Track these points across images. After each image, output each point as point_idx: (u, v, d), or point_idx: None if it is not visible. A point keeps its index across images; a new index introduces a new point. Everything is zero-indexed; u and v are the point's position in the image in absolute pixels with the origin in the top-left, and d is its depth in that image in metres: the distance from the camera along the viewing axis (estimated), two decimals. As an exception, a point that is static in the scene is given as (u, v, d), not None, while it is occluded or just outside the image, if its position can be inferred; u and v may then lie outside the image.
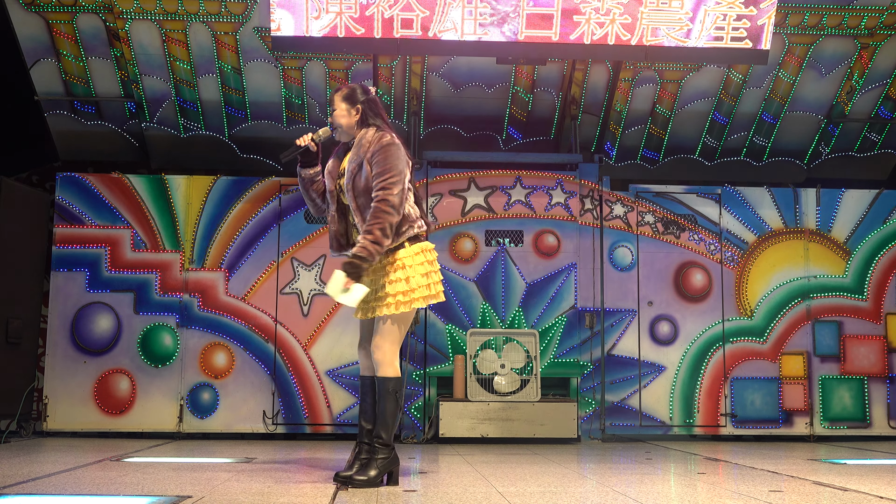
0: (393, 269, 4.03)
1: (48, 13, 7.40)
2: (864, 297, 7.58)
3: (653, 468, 5.14)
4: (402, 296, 3.99)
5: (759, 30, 7.05)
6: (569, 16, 6.94)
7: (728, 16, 7.00)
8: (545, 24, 6.93)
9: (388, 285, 4.01)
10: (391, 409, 4.03)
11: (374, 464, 4.02)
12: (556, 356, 7.32)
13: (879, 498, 3.76)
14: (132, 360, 7.11)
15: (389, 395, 4.02)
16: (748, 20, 7.02)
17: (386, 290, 4.00)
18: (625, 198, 7.59)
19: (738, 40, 7.04)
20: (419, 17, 6.88)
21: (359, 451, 4.14)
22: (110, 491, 3.86)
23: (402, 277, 4.01)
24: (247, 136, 8.01)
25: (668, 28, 7.01)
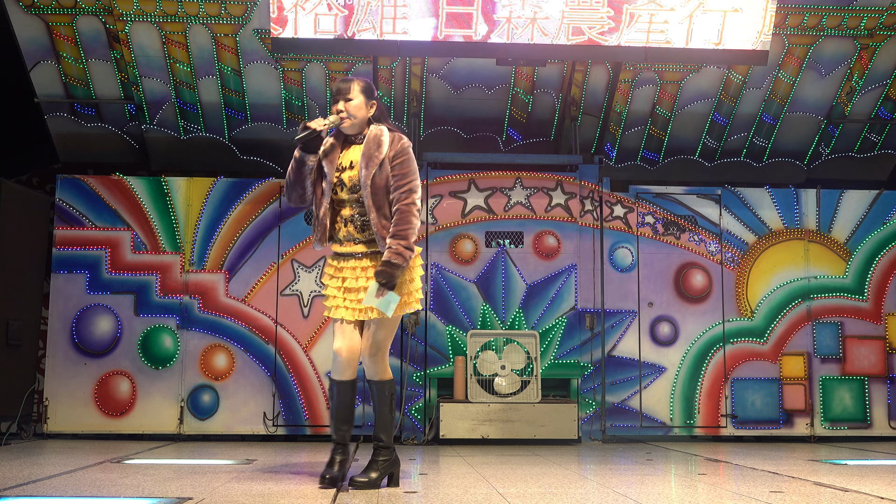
0: None
1: (48, 15, 7.41)
2: (864, 298, 7.58)
3: (653, 469, 5.14)
4: (405, 297, 4.00)
5: (680, 28, 6.99)
6: (489, 15, 6.89)
7: (649, 14, 6.98)
8: (464, 24, 6.88)
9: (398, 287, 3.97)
10: (391, 412, 4.06)
11: (375, 465, 4.02)
12: (557, 357, 7.32)
13: (880, 499, 3.76)
14: (132, 361, 7.11)
15: (388, 397, 4.05)
16: (669, 18, 6.99)
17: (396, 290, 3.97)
18: (625, 199, 7.59)
19: (660, 40, 7.01)
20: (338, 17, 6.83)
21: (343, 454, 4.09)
22: (111, 493, 3.86)
23: (407, 279, 4.01)
24: (247, 137, 8.02)
25: (590, 27, 6.96)
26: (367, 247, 4.02)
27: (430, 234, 7.40)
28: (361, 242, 4.03)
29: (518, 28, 6.90)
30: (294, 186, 4.10)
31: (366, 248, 4.03)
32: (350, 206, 4.03)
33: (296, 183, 4.10)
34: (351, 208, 4.03)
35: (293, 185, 4.10)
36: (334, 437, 4.10)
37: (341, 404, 4.07)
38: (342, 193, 4.03)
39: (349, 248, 4.05)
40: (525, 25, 6.91)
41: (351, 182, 4.00)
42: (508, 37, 6.91)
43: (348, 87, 4.06)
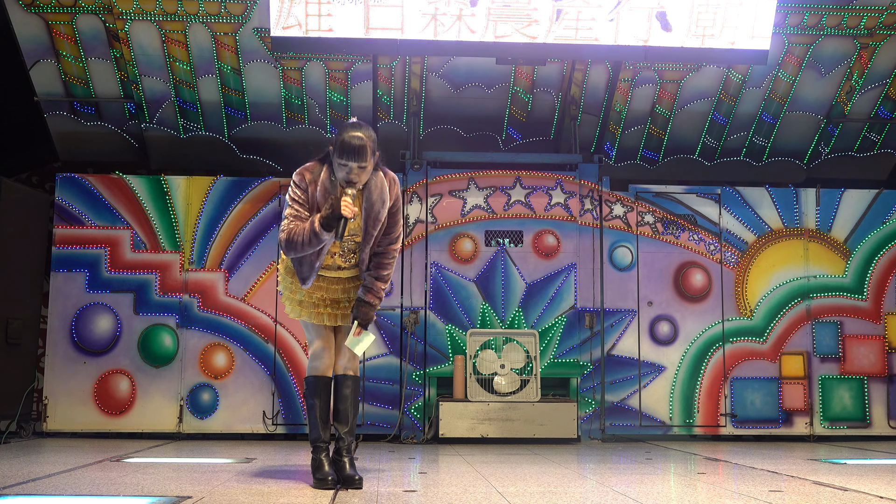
0: None
1: (48, 14, 7.40)
2: (863, 297, 7.58)
3: (653, 468, 5.14)
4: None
5: (608, 25, 6.96)
6: (415, 11, 6.85)
7: (579, 11, 6.96)
8: (392, 22, 6.83)
9: None
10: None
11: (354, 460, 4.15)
12: (556, 356, 7.32)
13: (879, 498, 3.76)
14: (132, 360, 7.11)
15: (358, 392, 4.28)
16: (597, 16, 6.96)
17: None
18: (624, 198, 7.59)
19: (588, 37, 6.98)
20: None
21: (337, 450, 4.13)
22: (110, 491, 3.86)
23: None
24: (246, 136, 8.02)
25: (515, 24, 6.93)
26: (349, 272, 4.19)
27: (430, 233, 7.40)
28: (343, 269, 4.17)
29: (445, 25, 6.88)
30: (306, 253, 3.99)
31: (350, 274, 4.19)
32: (340, 245, 4.11)
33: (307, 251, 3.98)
34: (340, 246, 4.11)
35: (303, 251, 3.96)
36: (323, 438, 4.12)
37: (327, 401, 4.16)
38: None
39: (333, 274, 4.17)
40: (452, 23, 6.88)
41: (350, 232, 4.06)
42: (435, 34, 6.88)
43: (364, 152, 3.91)
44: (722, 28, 7.03)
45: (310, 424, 4.15)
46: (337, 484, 4.01)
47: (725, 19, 7.02)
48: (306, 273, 4.08)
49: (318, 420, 4.11)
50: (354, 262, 4.17)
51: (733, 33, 7.05)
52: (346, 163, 3.91)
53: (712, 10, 6.99)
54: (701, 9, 6.98)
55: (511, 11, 6.89)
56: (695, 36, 7.01)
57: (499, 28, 6.91)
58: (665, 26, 6.98)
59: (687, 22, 6.99)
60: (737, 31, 7.05)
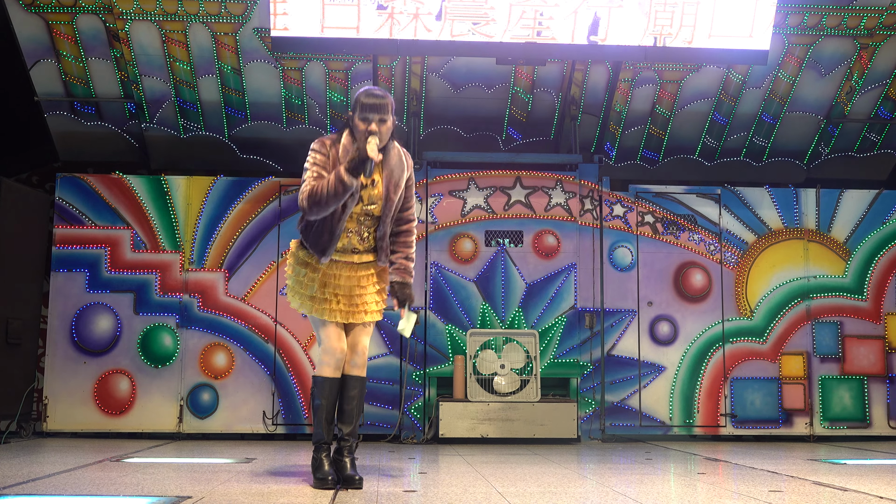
0: (381, 281, 4.17)
1: (48, 14, 7.40)
2: (863, 298, 7.59)
3: (653, 468, 5.14)
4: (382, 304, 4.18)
5: (565, 23, 6.96)
6: (371, 10, 6.82)
7: (537, 10, 6.93)
8: (348, 20, 6.82)
9: (377, 294, 4.14)
10: None
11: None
12: (556, 356, 7.32)
13: (879, 498, 3.76)
14: (132, 360, 7.11)
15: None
16: (554, 14, 6.95)
17: (376, 297, 4.13)
18: (624, 198, 7.59)
19: (546, 36, 6.96)
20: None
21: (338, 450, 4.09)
22: (110, 491, 3.86)
23: (384, 289, 4.20)
24: (247, 136, 8.02)
25: (474, 23, 6.91)
26: (366, 257, 4.10)
27: (430, 233, 7.40)
28: (360, 252, 4.08)
29: (401, 24, 6.87)
30: (330, 208, 3.89)
31: (365, 259, 4.09)
32: (357, 219, 4.04)
33: (337, 204, 3.89)
34: (358, 222, 4.04)
35: (331, 207, 3.88)
36: (326, 439, 4.07)
37: (335, 402, 4.10)
38: (355, 207, 4.02)
39: (345, 258, 4.07)
40: (408, 21, 6.88)
41: (369, 200, 4.01)
42: (391, 33, 6.87)
43: (385, 107, 3.93)
44: (680, 27, 7.00)
45: (314, 424, 4.09)
46: (337, 484, 3.99)
47: (683, 18, 6.99)
48: (326, 241, 3.95)
49: (323, 420, 4.05)
50: (371, 245, 4.09)
51: (690, 32, 7.02)
52: (367, 116, 3.91)
53: (670, 8, 6.97)
54: (658, 7, 6.97)
55: (468, 10, 6.87)
56: (651, 34, 6.99)
57: (455, 27, 6.89)
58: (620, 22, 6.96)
59: (644, 21, 6.98)
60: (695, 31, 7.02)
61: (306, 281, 4.05)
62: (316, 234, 3.98)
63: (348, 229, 4.03)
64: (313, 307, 4.05)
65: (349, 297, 4.06)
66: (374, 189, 4.00)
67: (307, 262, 4.06)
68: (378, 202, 4.02)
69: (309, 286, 4.04)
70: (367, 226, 4.06)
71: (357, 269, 4.09)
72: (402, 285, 4.11)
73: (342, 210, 3.94)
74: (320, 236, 3.97)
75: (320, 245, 3.98)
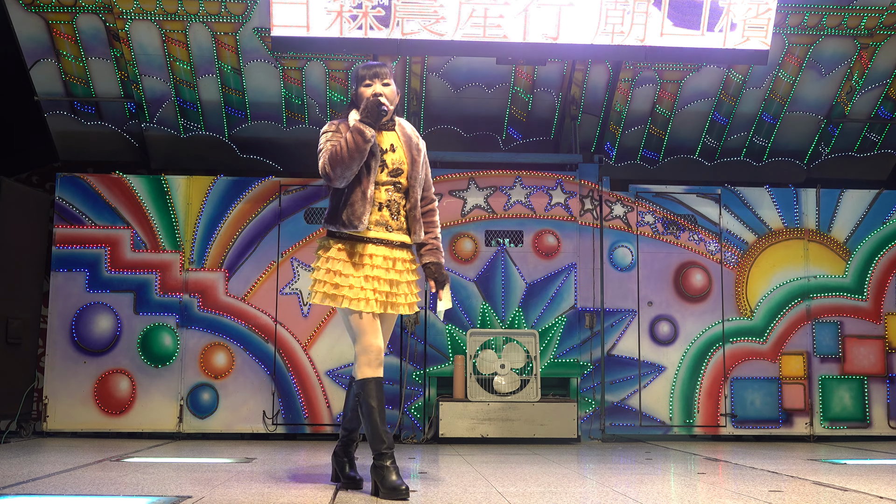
0: (414, 268, 3.98)
1: (48, 13, 7.40)
2: (863, 298, 7.58)
3: (653, 468, 5.14)
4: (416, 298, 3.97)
5: (515, 22, 6.91)
6: (320, 8, 6.80)
7: (486, 8, 6.91)
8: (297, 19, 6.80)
9: (412, 284, 3.96)
10: None
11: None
12: (556, 356, 7.32)
13: (879, 498, 3.76)
14: (132, 360, 7.11)
15: None
16: (504, 12, 6.92)
17: (412, 288, 3.95)
18: (625, 198, 7.59)
19: (496, 35, 6.94)
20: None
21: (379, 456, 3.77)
22: (110, 491, 3.86)
23: (417, 282, 3.99)
24: (247, 136, 8.02)
25: (422, 21, 6.89)
26: (400, 236, 3.89)
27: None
28: (394, 231, 3.87)
29: (350, 23, 6.86)
30: (353, 164, 3.71)
31: (399, 238, 3.89)
32: (386, 190, 3.86)
33: (360, 160, 3.72)
34: (387, 192, 3.86)
35: (355, 163, 3.71)
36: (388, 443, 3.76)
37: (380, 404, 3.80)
38: (381, 175, 3.84)
39: (381, 234, 3.83)
40: (358, 20, 6.87)
41: (393, 165, 3.86)
42: (340, 31, 6.84)
43: (385, 72, 3.88)
44: (631, 25, 6.98)
45: (372, 432, 3.76)
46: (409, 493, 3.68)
47: (634, 17, 6.98)
48: (360, 208, 3.76)
49: (378, 427, 3.75)
50: (403, 223, 3.89)
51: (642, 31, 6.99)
52: (370, 82, 3.85)
53: (621, 6, 6.95)
54: (610, 6, 6.96)
55: (418, 8, 6.85)
56: (604, 33, 6.98)
57: (406, 25, 6.88)
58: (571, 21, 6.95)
59: (596, 19, 6.97)
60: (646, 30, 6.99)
61: (346, 269, 3.78)
62: (347, 206, 3.78)
63: (378, 202, 3.83)
64: (345, 298, 3.75)
65: (390, 283, 3.83)
66: (394, 154, 3.88)
67: (340, 248, 3.81)
68: (403, 168, 3.87)
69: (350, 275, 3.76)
70: (396, 200, 3.87)
71: (392, 249, 3.86)
72: (437, 266, 3.97)
73: (367, 171, 3.78)
74: (353, 206, 3.77)
75: (355, 214, 3.77)
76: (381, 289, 3.81)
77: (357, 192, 3.79)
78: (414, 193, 3.91)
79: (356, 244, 3.81)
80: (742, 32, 7.06)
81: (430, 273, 3.99)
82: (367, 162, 3.79)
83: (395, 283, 3.85)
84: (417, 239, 3.94)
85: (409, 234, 3.94)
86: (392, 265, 3.85)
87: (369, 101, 3.75)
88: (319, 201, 7.35)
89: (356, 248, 3.81)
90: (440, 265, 4.00)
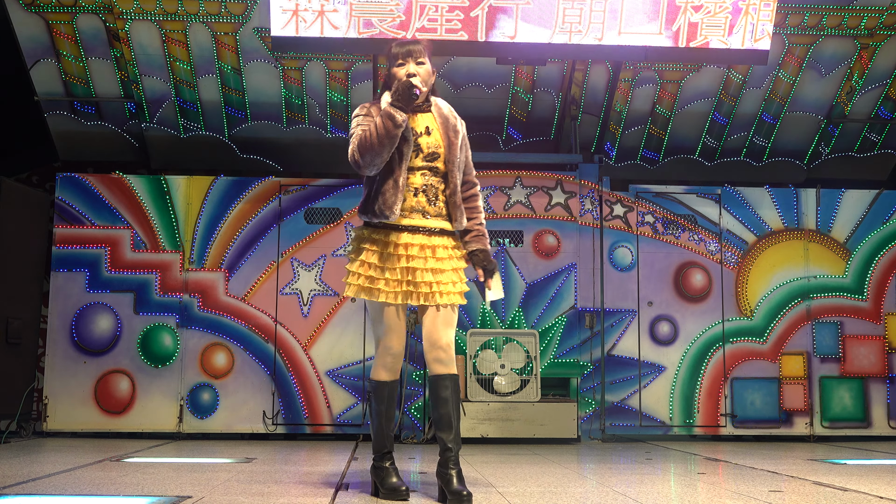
0: (459, 255, 3.71)
1: (48, 13, 7.41)
2: (864, 298, 7.58)
3: (653, 468, 5.14)
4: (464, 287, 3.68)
5: (472, 21, 6.91)
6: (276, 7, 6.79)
7: (440, 7, 6.89)
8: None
9: (460, 272, 3.68)
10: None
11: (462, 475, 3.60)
12: (556, 356, 7.32)
13: (879, 498, 3.76)
14: (132, 360, 7.11)
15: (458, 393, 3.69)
16: (461, 11, 6.90)
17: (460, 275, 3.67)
18: (625, 198, 7.59)
19: (453, 32, 6.92)
20: None
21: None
22: (110, 491, 3.86)
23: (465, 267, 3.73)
24: (247, 136, 8.02)
25: (380, 20, 6.85)
26: (439, 223, 3.64)
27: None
28: (431, 217, 3.62)
29: (306, 21, 6.84)
30: (384, 152, 3.49)
31: (437, 225, 3.64)
32: (422, 175, 3.61)
33: (390, 146, 3.50)
34: (423, 177, 3.61)
35: (385, 150, 3.49)
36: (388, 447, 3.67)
37: (391, 408, 3.66)
38: (415, 160, 3.60)
39: (417, 222, 3.59)
40: (314, 19, 6.85)
41: (429, 149, 3.62)
42: (297, 30, 6.82)
43: (419, 49, 3.63)
44: (589, 24, 6.99)
45: (374, 433, 3.68)
46: (409, 494, 3.60)
47: (592, 16, 6.96)
48: (391, 196, 3.53)
49: (382, 429, 3.64)
50: (443, 209, 3.65)
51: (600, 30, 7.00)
52: (403, 62, 3.61)
53: (578, 5, 6.94)
54: (567, 4, 6.95)
55: (373, 7, 6.83)
56: (562, 32, 6.96)
57: (362, 24, 6.87)
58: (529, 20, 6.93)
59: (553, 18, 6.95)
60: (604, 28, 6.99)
61: (373, 257, 3.57)
62: (379, 194, 3.55)
63: (414, 187, 3.60)
64: (381, 292, 3.54)
65: (427, 271, 3.56)
66: (430, 137, 3.64)
67: (373, 238, 3.59)
68: (440, 152, 3.64)
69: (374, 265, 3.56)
70: (434, 185, 3.63)
71: (431, 237, 3.61)
72: (485, 253, 3.70)
73: (399, 158, 3.55)
74: (384, 194, 3.54)
75: (386, 203, 3.53)
76: (418, 280, 3.54)
77: (389, 181, 3.55)
78: (453, 178, 3.65)
79: (391, 233, 3.58)
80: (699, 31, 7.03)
81: (477, 261, 3.71)
82: (400, 148, 3.55)
83: (437, 271, 3.58)
84: (459, 226, 3.67)
85: (450, 221, 3.68)
86: (432, 253, 3.58)
87: (400, 83, 3.51)
88: (319, 201, 7.35)
89: (391, 237, 3.57)
90: (487, 252, 3.72)
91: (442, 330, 3.59)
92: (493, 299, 3.76)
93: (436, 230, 3.62)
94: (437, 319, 3.59)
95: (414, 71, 3.58)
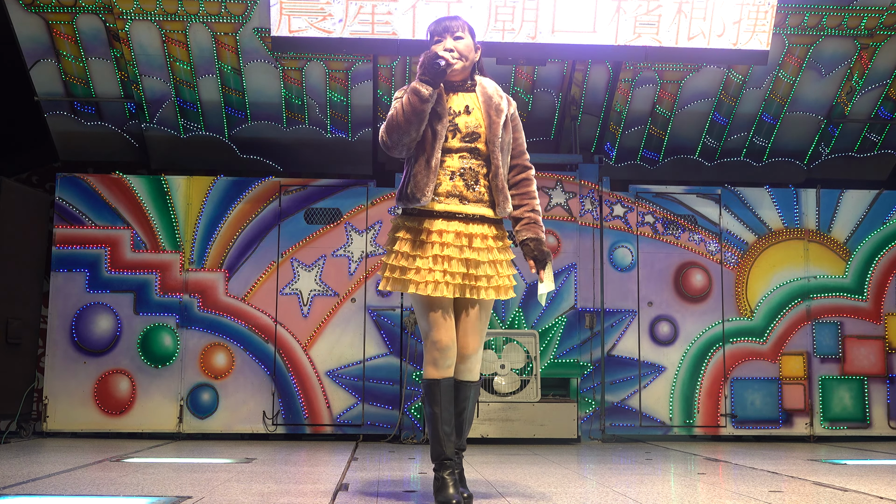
0: (501, 245, 3.49)
1: (48, 14, 7.40)
2: (864, 298, 7.58)
3: (653, 469, 5.14)
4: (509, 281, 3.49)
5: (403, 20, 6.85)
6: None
7: (374, 5, 6.85)
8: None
9: (502, 264, 3.47)
10: None
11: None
12: (556, 356, 7.32)
13: (879, 498, 3.76)
14: (132, 360, 7.11)
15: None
16: (392, 10, 6.86)
17: (501, 268, 3.46)
18: (625, 198, 7.59)
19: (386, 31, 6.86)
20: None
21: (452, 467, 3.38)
22: (110, 491, 3.86)
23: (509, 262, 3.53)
24: (247, 136, 8.02)
25: (309, 18, 6.79)
26: (478, 209, 3.41)
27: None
28: (470, 203, 3.40)
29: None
30: (411, 130, 3.30)
31: (476, 211, 3.41)
32: (461, 157, 3.39)
33: (418, 124, 3.30)
34: (462, 160, 3.39)
35: (412, 128, 3.30)
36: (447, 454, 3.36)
37: (451, 407, 3.40)
38: (452, 141, 3.39)
39: (453, 207, 3.37)
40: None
41: (468, 129, 3.40)
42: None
43: (457, 25, 3.44)
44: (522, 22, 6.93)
45: (432, 438, 3.38)
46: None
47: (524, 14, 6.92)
48: (422, 179, 3.32)
49: (439, 432, 3.35)
50: (483, 194, 3.42)
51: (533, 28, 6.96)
52: (440, 38, 3.42)
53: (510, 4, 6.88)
54: (499, 3, 6.90)
55: (304, 6, 6.79)
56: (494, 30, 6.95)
57: (293, 23, 6.83)
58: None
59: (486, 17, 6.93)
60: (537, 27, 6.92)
61: (412, 249, 3.35)
62: (411, 177, 3.35)
63: (451, 170, 3.38)
64: (412, 282, 3.32)
65: (461, 262, 3.34)
66: (469, 116, 3.41)
67: (406, 225, 3.39)
68: (480, 132, 3.40)
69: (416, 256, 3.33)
70: (473, 168, 3.41)
71: (468, 223, 3.38)
72: (536, 241, 3.45)
73: (433, 137, 3.34)
74: (416, 177, 3.33)
75: (418, 186, 3.32)
76: (454, 270, 3.31)
77: (421, 162, 3.34)
78: (495, 159, 3.38)
79: (424, 220, 3.36)
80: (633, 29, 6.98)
81: (528, 251, 3.49)
82: (433, 126, 3.33)
83: (473, 262, 3.35)
84: (502, 212, 3.42)
85: (493, 207, 3.43)
86: (468, 242, 3.35)
87: (426, 55, 3.29)
88: (319, 201, 7.35)
89: (424, 224, 3.35)
90: (539, 241, 3.47)
91: (470, 335, 3.43)
92: (544, 292, 3.49)
93: (474, 217, 3.39)
94: (467, 322, 3.43)
95: (451, 46, 3.40)
